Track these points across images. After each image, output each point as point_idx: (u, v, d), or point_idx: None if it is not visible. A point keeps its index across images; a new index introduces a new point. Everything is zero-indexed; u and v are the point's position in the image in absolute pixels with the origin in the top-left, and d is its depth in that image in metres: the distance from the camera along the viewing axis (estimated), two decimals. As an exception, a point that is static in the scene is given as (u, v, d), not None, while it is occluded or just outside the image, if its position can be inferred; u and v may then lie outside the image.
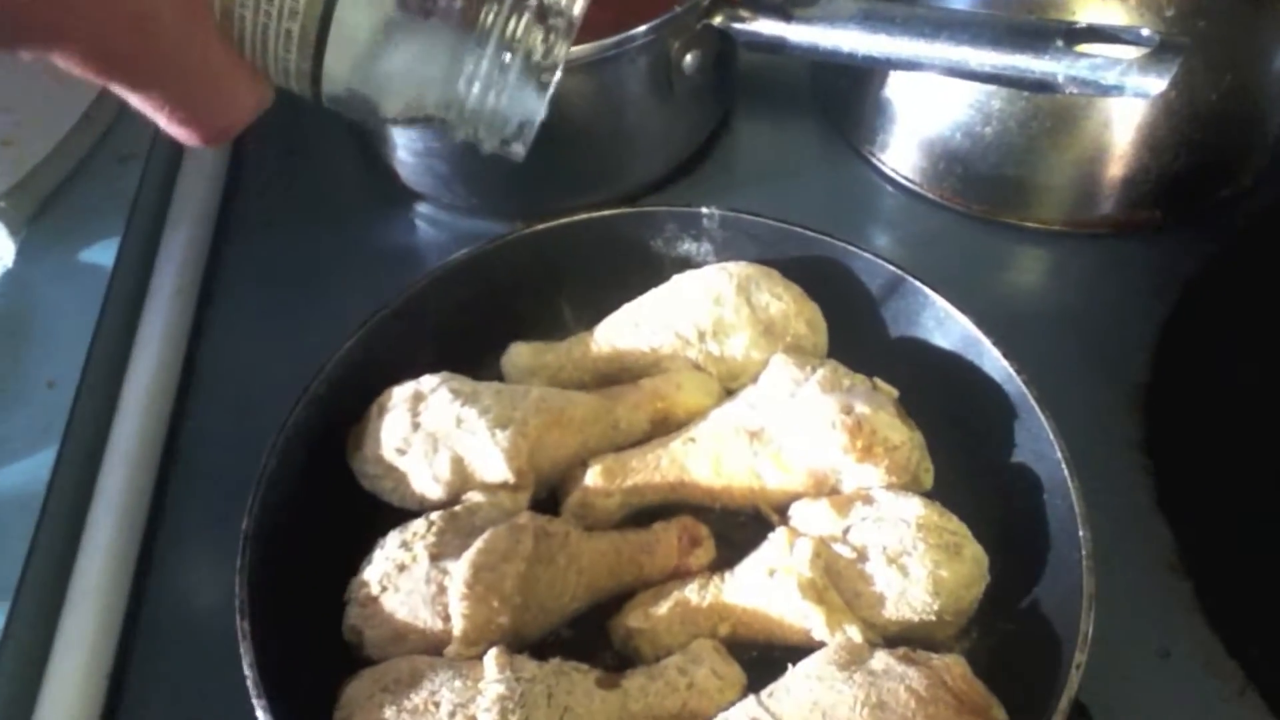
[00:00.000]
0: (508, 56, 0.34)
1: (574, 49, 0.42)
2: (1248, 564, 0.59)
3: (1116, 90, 0.59)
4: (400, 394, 0.54)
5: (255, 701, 0.45)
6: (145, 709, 0.55)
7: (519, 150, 0.38)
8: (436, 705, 0.46)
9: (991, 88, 0.68)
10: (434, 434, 0.53)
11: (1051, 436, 0.54)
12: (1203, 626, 0.56)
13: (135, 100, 0.33)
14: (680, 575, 0.53)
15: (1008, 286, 0.73)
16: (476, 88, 0.35)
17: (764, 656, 0.52)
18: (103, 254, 0.67)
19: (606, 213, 0.63)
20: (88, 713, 0.53)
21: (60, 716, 0.52)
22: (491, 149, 0.38)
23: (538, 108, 0.36)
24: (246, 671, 0.45)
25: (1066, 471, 0.53)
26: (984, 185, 0.73)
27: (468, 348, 0.61)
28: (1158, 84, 0.58)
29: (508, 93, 0.35)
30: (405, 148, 0.73)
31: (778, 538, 0.52)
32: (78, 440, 0.60)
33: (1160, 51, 0.58)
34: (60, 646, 0.55)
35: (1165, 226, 0.73)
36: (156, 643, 0.57)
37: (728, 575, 0.53)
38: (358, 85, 0.35)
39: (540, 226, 0.63)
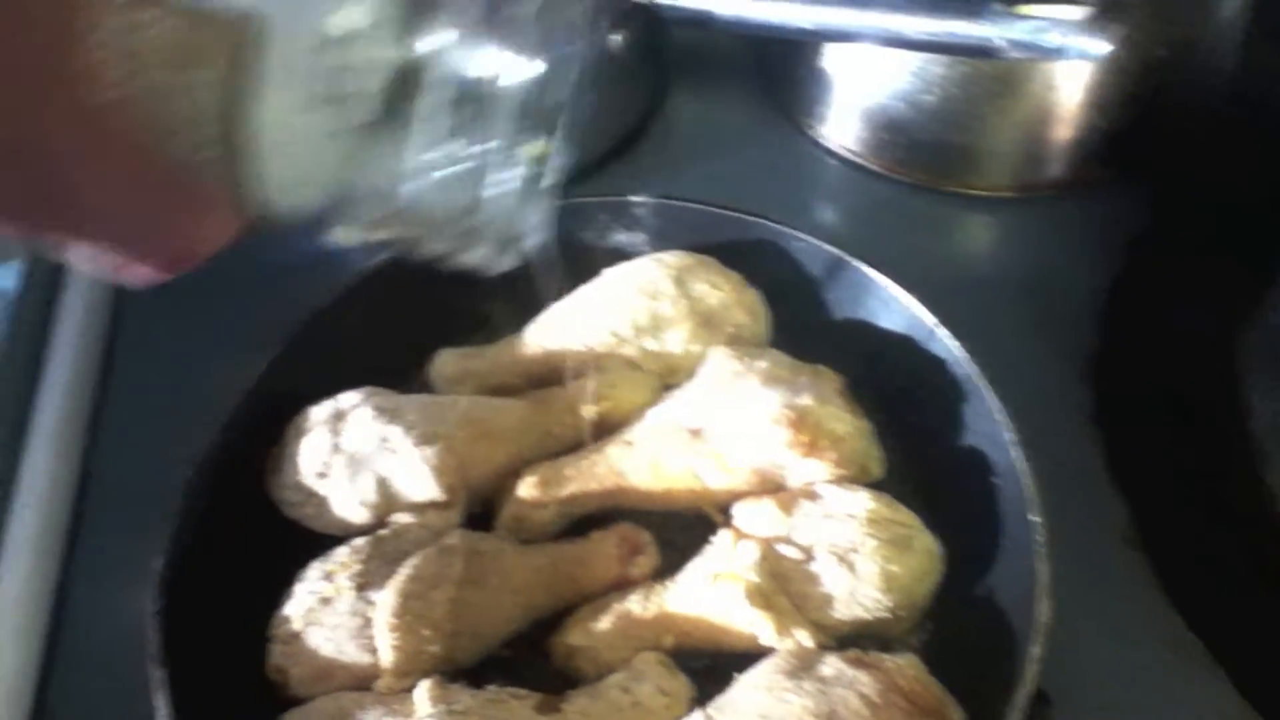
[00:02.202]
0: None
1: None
2: (1203, 535, 0.57)
3: (1059, 53, 0.57)
4: (318, 414, 0.51)
5: (172, 752, 0.43)
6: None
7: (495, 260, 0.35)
8: (367, 742, 0.43)
9: (931, 55, 0.66)
10: (355, 455, 0.50)
11: (1001, 419, 0.52)
12: (1163, 602, 0.55)
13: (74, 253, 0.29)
14: (622, 586, 0.51)
15: (955, 256, 0.71)
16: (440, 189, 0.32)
17: (713, 664, 0.50)
18: (4, 278, 0.64)
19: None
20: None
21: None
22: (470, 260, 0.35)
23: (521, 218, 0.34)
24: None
25: (1016, 455, 0.51)
26: (927, 154, 0.71)
27: (393, 356, 0.58)
28: (1102, 45, 0.55)
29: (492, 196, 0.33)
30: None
31: (721, 541, 0.50)
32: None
33: (1104, 10, 0.55)
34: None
35: (1113, 186, 0.71)
36: (75, 684, 0.55)
37: (670, 584, 0.51)
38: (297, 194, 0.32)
39: (465, 223, 0.60)
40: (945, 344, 0.55)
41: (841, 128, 0.73)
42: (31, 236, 0.29)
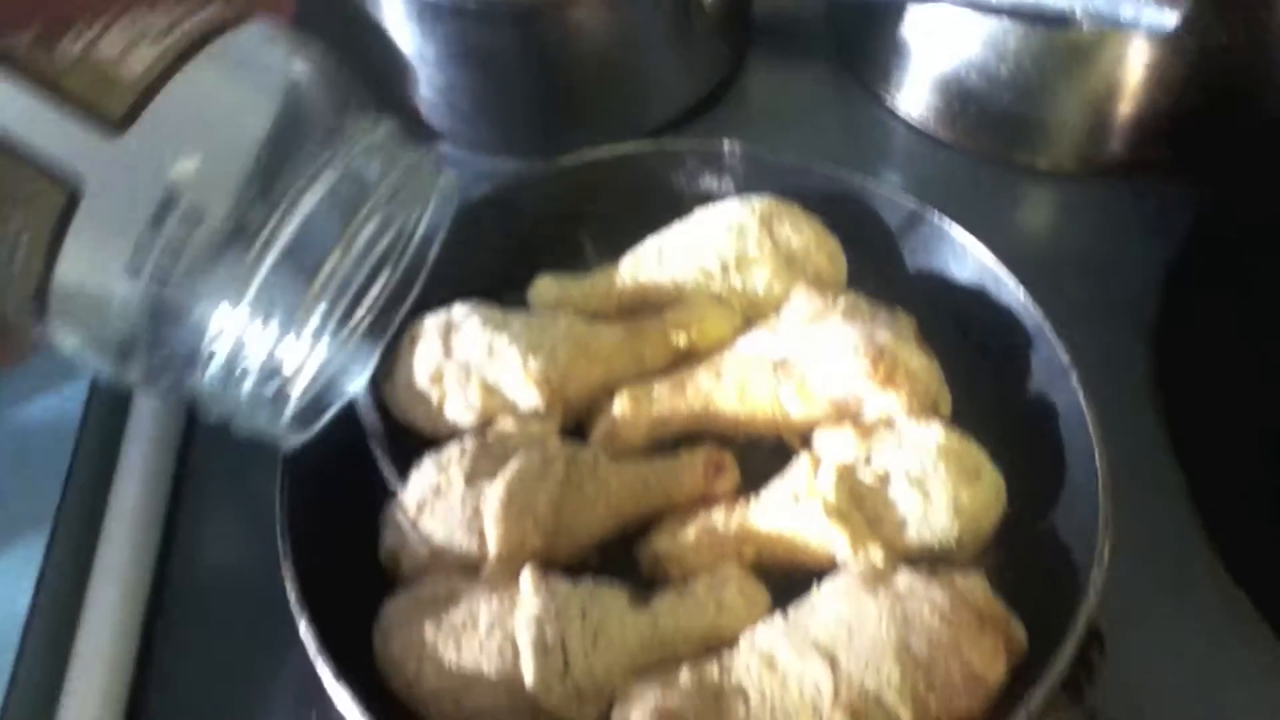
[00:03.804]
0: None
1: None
2: (1259, 500, 0.60)
3: (1132, 23, 0.59)
4: (432, 323, 0.55)
5: (299, 619, 0.46)
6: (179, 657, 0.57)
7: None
8: (474, 622, 0.47)
9: (1007, 25, 0.69)
10: (466, 363, 0.53)
11: (1067, 363, 0.55)
12: (1214, 559, 0.58)
13: None
14: (705, 501, 0.54)
15: (1018, 227, 0.74)
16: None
17: (789, 582, 0.52)
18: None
19: (628, 148, 0.64)
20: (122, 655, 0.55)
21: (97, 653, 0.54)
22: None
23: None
24: (289, 589, 0.47)
25: (1082, 397, 0.54)
26: (997, 124, 0.74)
27: (488, 285, 0.61)
28: (1171, 16, 0.58)
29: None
30: (427, 83, 0.72)
31: (802, 464, 0.54)
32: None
33: (1171, -12, 0.58)
34: (97, 579, 0.56)
35: (1175, 167, 0.74)
36: (188, 591, 0.58)
37: (753, 500, 0.54)
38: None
39: (561, 163, 0.63)
40: (1013, 292, 0.58)
41: (914, 96, 0.76)
42: None
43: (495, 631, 0.46)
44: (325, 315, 0.32)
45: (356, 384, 0.33)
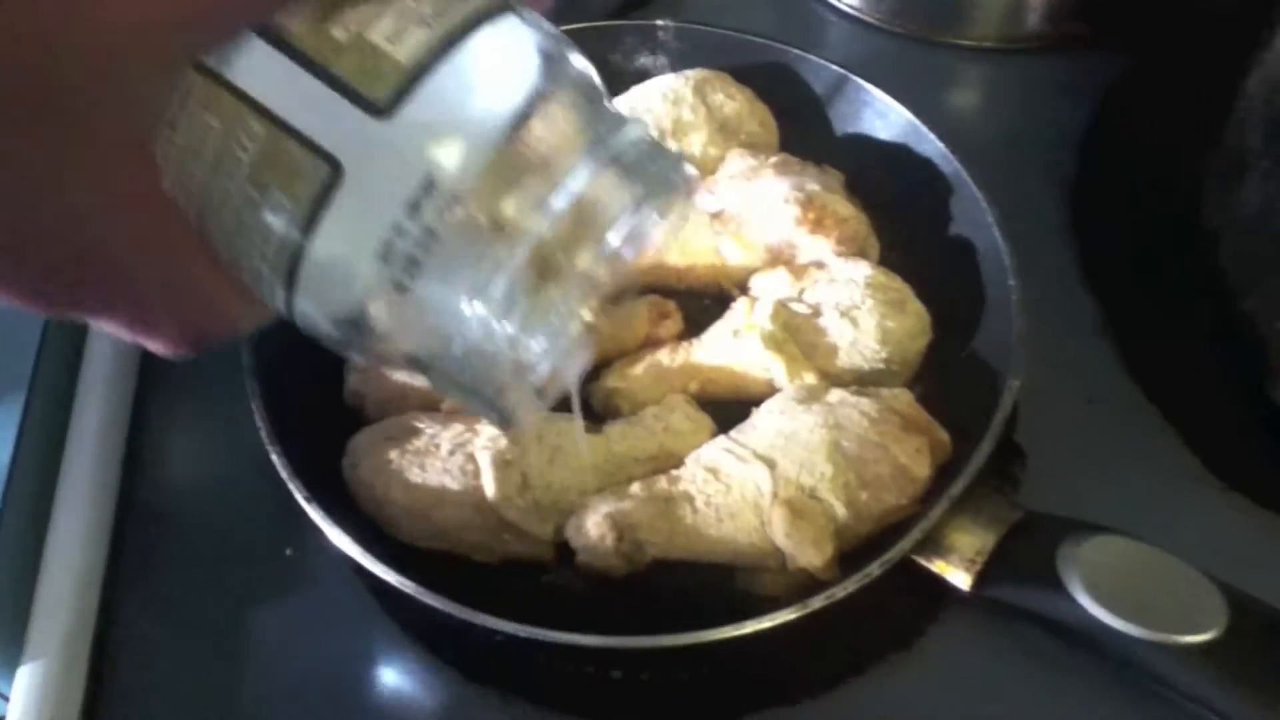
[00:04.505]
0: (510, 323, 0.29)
1: None
2: (1165, 323, 0.65)
3: None
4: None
5: (270, 449, 0.49)
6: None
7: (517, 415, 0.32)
8: (437, 446, 0.50)
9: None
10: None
11: (985, 205, 0.59)
12: (1125, 378, 0.62)
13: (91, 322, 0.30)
14: (652, 345, 0.58)
15: (944, 100, 0.77)
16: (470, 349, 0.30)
17: (731, 416, 0.56)
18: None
19: (565, 29, 0.66)
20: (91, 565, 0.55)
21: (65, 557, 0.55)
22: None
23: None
24: (259, 423, 0.50)
25: (998, 234, 0.58)
26: (919, 5, 0.77)
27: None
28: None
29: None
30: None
31: (740, 303, 0.57)
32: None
33: None
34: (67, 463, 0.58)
35: (1090, 40, 0.78)
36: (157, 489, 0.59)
37: (696, 341, 0.58)
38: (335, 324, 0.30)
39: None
40: (935, 145, 0.62)
41: (842, -17, 0.80)
42: (64, 310, 0.30)
43: (457, 453, 0.50)
44: (565, 309, 0.30)
45: (576, 369, 0.33)
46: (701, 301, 0.61)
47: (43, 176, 0.26)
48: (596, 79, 0.32)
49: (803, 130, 0.66)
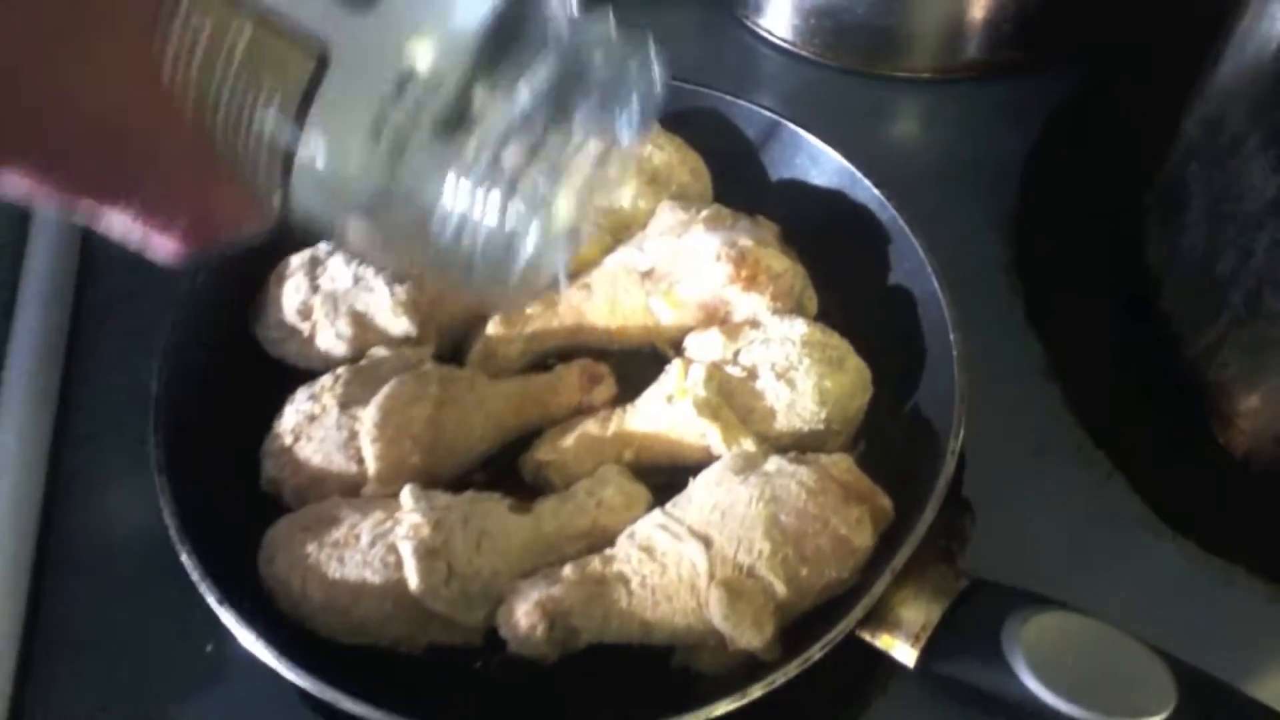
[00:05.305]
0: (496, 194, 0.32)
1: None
2: (1111, 367, 0.64)
3: None
4: (298, 260, 0.55)
5: (180, 549, 0.47)
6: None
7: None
8: (357, 538, 0.48)
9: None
10: (333, 294, 0.54)
11: (923, 254, 0.58)
12: (1072, 424, 0.61)
13: (100, 215, 0.31)
14: (584, 412, 0.56)
15: (881, 135, 0.76)
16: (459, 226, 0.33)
17: (669, 482, 0.54)
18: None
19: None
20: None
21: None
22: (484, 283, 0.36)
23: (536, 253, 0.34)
24: (168, 522, 0.47)
25: (937, 284, 0.56)
26: (854, 37, 0.76)
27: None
28: None
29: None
30: None
31: (674, 367, 0.55)
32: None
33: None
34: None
35: (1026, 68, 0.77)
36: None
37: (629, 407, 0.56)
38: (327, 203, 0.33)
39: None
40: (870, 192, 0.60)
41: (775, 17, 0.78)
42: (71, 203, 0.31)
43: (378, 544, 0.47)
44: (547, 184, 0.34)
45: (563, 256, 0.37)
46: (635, 359, 0.59)
47: (48, 38, 0.27)
48: None
49: (736, 177, 0.64)
